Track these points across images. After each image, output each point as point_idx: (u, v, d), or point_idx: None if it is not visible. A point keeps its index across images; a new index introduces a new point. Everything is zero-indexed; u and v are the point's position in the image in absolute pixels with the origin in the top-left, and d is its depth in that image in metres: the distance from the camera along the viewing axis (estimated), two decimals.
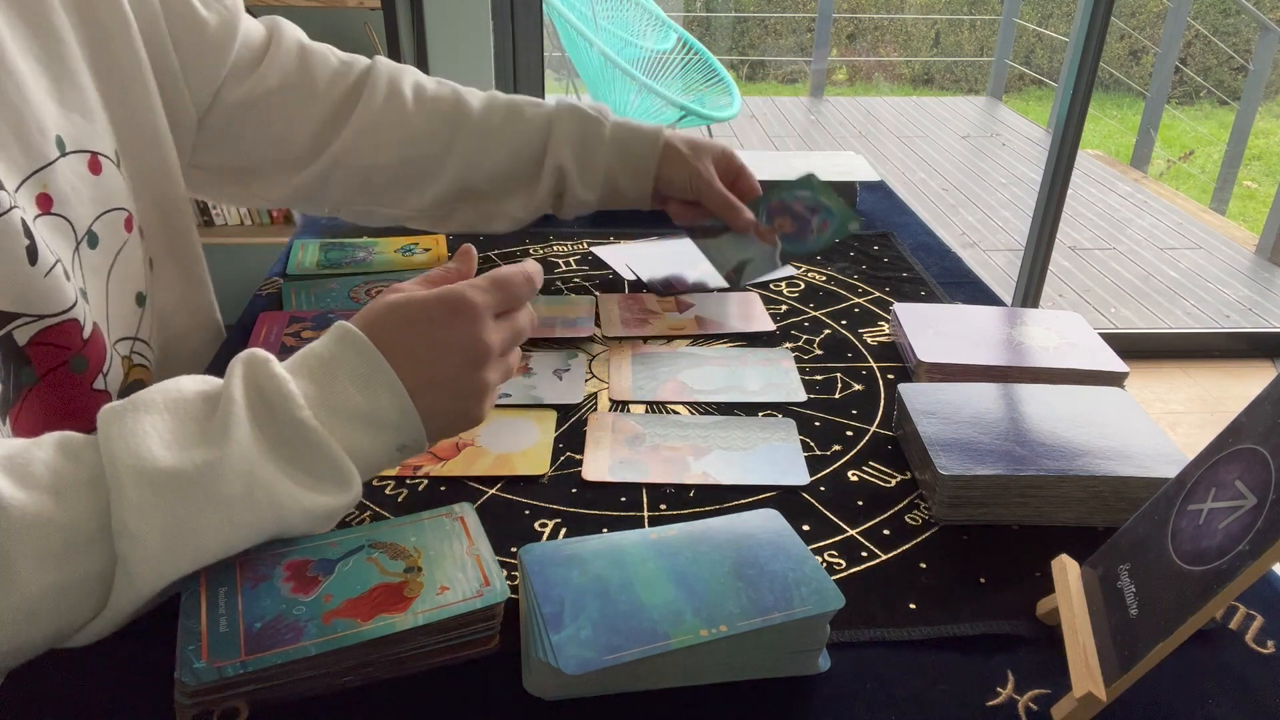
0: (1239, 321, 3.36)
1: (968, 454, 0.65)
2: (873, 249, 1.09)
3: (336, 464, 0.53)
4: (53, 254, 0.64)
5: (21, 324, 0.63)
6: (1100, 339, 0.83)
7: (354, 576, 0.54)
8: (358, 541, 0.56)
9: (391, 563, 0.55)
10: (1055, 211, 2.60)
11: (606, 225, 1.14)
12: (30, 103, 0.64)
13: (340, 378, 0.55)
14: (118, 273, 0.72)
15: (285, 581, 0.53)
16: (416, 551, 0.56)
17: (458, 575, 0.54)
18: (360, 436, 0.54)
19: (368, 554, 0.55)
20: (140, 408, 0.51)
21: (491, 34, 2.17)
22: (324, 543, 0.56)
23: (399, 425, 0.56)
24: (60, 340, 0.66)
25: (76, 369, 0.68)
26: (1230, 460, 0.49)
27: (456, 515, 0.59)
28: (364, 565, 0.54)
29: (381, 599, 0.52)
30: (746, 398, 0.79)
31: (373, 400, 0.55)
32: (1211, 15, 6.52)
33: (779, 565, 0.54)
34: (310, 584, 0.53)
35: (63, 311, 0.65)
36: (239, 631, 0.49)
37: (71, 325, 0.66)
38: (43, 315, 0.64)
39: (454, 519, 0.59)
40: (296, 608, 0.51)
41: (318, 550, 0.55)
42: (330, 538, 0.57)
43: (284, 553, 0.55)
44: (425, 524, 0.58)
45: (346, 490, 0.54)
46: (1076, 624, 0.53)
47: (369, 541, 0.56)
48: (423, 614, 0.51)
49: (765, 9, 7.07)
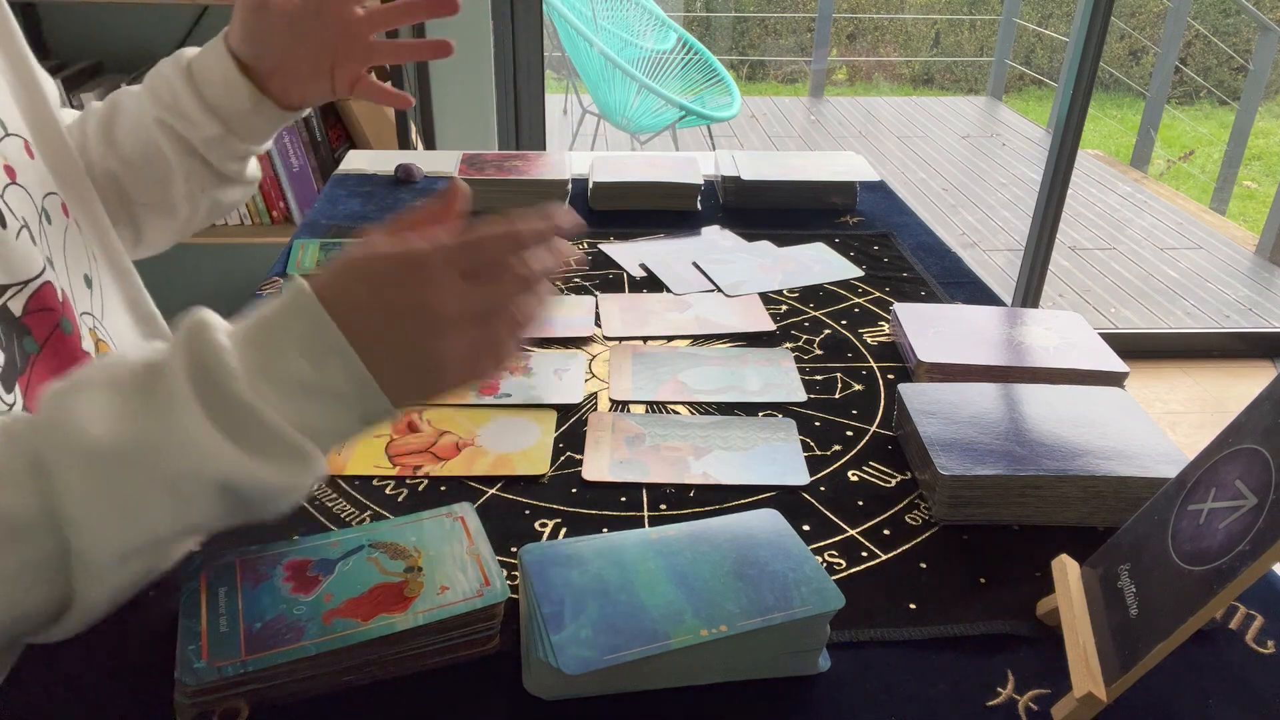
0: (1239, 321, 3.36)
1: (968, 454, 0.65)
2: (873, 249, 1.09)
3: (285, 439, 0.49)
4: (18, 219, 0.65)
5: (13, 294, 0.65)
6: (1100, 339, 0.83)
7: (354, 576, 0.53)
8: (358, 541, 0.56)
9: (392, 562, 0.54)
10: (1055, 211, 2.59)
11: (607, 225, 1.14)
12: None
13: (287, 345, 0.50)
14: (69, 253, 0.74)
15: (285, 581, 0.53)
16: (417, 551, 0.56)
17: (458, 575, 0.54)
18: (312, 409, 0.50)
19: (368, 554, 0.55)
20: (81, 386, 0.49)
21: (491, 34, 2.16)
22: (324, 543, 0.56)
23: (357, 395, 0.51)
24: (47, 304, 0.68)
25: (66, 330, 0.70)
26: (1230, 460, 0.49)
27: (456, 515, 0.59)
28: (364, 565, 0.54)
29: (382, 599, 0.52)
30: (746, 398, 0.79)
31: (321, 370, 0.50)
32: (1211, 15, 6.52)
33: (779, 565, 0.54)
34: (310, 584, 0.53)
35: (38, 275, 0.66)
36: (239, 631, 0.49)
37: (49, 289, 0.68)
38: (26, 281, 0.65)
39: (454, 519, 0.59)
40: (297, 607, 0.51)
41: (318, 550, 0.55)
42: (330, 538, 0.57)
43: (284, 553, 0.55)
44: (425, 524, 0.58)
45: (305, 466, 0.49)
46: (1077, 624, 0.53)
47: (369, 541, 0.56)
48: (423, 614, 0.51)
49: (765, 9, 7.07)
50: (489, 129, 2.24)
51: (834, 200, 1.21)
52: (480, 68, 2.18)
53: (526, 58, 2.25)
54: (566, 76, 4.64)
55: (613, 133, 4.44)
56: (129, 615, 0.53)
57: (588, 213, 1.18)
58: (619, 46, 3.99)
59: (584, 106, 4.14)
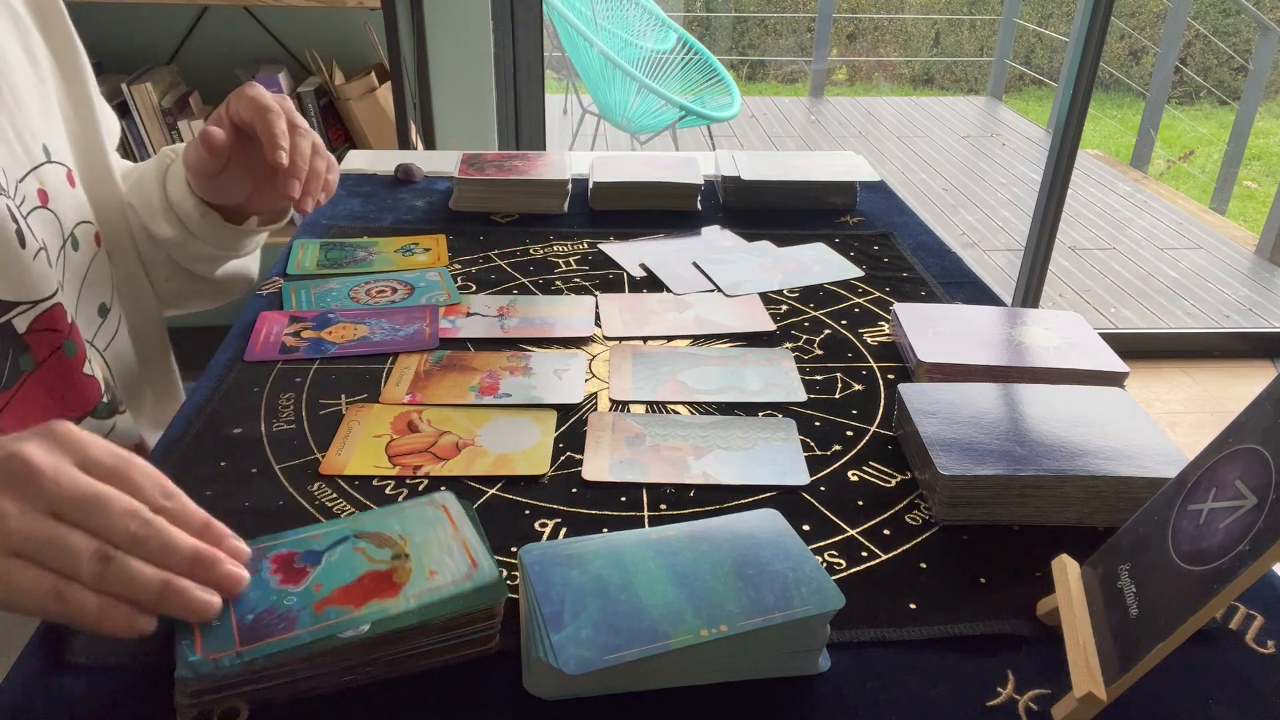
0: (1239, 321, 3.36)
1: (968, 454, 0.65)
2: (873, 249, 1.09)
3: None
4: (38, 240, 0.69)
5: (20, 312, 0.67)
6: (1100, 339, 0.83)
7: (342, 565, 0.54)
8: (342, 532, 0.56)
9: (378, 551, 0.55)
10: (1055, 211, 2.59)
11: (607, 225, 1.14)
12: (26, 111, 0.72)
13: None
14: (90, 280, 0.78)
15: (273, 574, 0.53)
16: (402, 539, 0.56)
17: (445, 560, 0.54)
18: None
19: (354, 544, 0.55)
20: None
21: (491, 34, 2.16)
22: (308, 535, 0.56)
23: None
24: (54, 324, 0.70)
25: (69, 353, 0.72)
26: (1230, 460, 0.49)
27: (439, 504, 0.59)
28: (351, 555, 0.54)
29: (372, 586, 0.52)
30: (746, 398, 0.79)
31: None
32: (1211, 15, 6.51)
33: (779, 565, 0.54)
34: (299, 575, 0.53)
35: (50, 296, 0.69)
36: (231, 624, 0.49)
37: (59, 310, 0.71)
38: (36, 301, 0.68)
39: (436, 507, 0.59)
40: (287, 598, 0.51)
41: (303, 543, 0.55)
42: (314, 530, 0.57)
43: (268, 547, 0.55)
44: (408, 513, 0.58)
45: None
46: (1077, 624, 0.53)
47: (354, 531, 0.56)
48: (414, 598, 0.51)
49: (765, 9, 7.07)
50: (489, 129, 2.24)
51: (834, 200, 1.21)
52: (480, 68, 2.18)
53: (526, 58, 2.25)
54: (566, 76, 4.64)
55: (613, 133, 4.45)
56: None
57: (588, 213, 1.18)
58: (619, 46, 3.99)
59: (584, 106, 4.14)
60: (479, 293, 0.96)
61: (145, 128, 2.00)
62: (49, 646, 0.53)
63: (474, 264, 1.02)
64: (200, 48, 2.12)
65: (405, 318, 0.89)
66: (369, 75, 2.09)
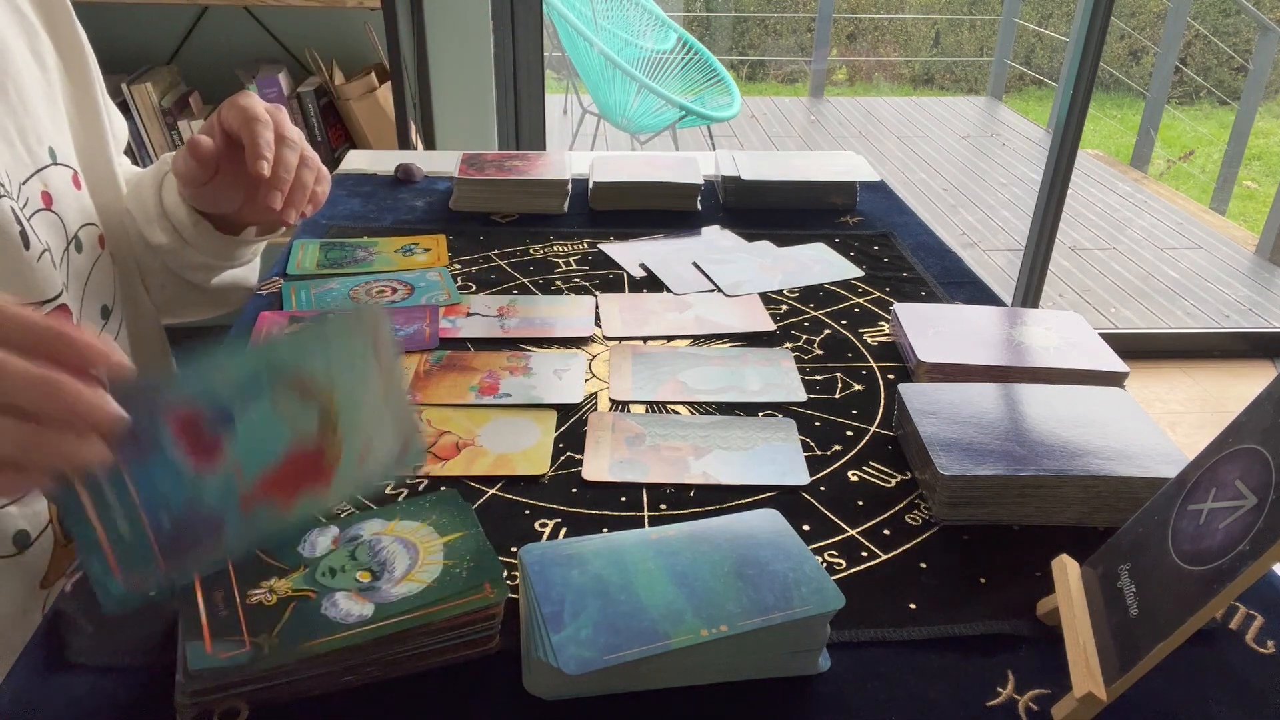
0: (1239, 321, 3.36)
1: (968, 454, 0.65)
2: (873, 249, 1.09)
3: None
4: (42, 242, 0.69)
5: None
6: (1100, 339, 0.83)
7: (262, 435, 0.44)
8: (255, 370, 0.45)
9: (303, 410, 0.45)
10: (1055, 211, 2.59)
11: (607, 225, 1.14)
12: (32, 114, 0.72)
13: None
14: (93, 282, 0.78)
15: (178, 446, 0.42)
16: (328, 384, 0.47)
17: (376, 426, 0.48)
18: None
19: (271, 396, 0.45)
20: None
21: (491, 34, 2.16)
22: (212, 377, 0.44)
23: None
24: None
25: None
26: (1230, 460, 0.49)
27: (367, 327, 0.49)
28: (271, 418, 0.45)
29: (300, 470, 0.46)
30: (746, 398, 0.79)
31: None
32: (1211, 15, 6.51)
33: (779, 565, 0.54)
34: (211, 449, 0.43)
35: (55, 297, 0.70)
36: (145, 533, 0.41)
37: (64, 311, 0.71)
38: (41, 302, 0.68)
39: (365, 327, 0.48)
40: (206, 492, 0.42)
41: (207, 392, 0.43)
42: (218, 364, 0.44)
43: (163, 403, 0.43)
44: (333, 344, 0.48)
45: None
46: (1077, 624, 0.53)
47: (269, 369, 0.45)
48: (347, 487, 0.48)
49: (765, 9, 7.07)
50: (489, 129, 2.24)
51: (834, 200, 1.21)
52: (480, 68, 2.18)
53: (526, 58, 2.25)
54: (566, 76, 4.63)
55: (613, 133, 4.44)
56: (129, 616, 0.53)
57: (588, 213, 1.18)
58: (619, 46, 3.98)
59: (584, 106, 4.14)
60: (479, 293, 0.96)
61: (145, 128, 2.00)
62: (49, 646, 0.53)
63: (474, 264, 1.02)
64: (200, 48, 2.13)
65: (405, 318, 0.89)
66: (369, 75, 2.09)
